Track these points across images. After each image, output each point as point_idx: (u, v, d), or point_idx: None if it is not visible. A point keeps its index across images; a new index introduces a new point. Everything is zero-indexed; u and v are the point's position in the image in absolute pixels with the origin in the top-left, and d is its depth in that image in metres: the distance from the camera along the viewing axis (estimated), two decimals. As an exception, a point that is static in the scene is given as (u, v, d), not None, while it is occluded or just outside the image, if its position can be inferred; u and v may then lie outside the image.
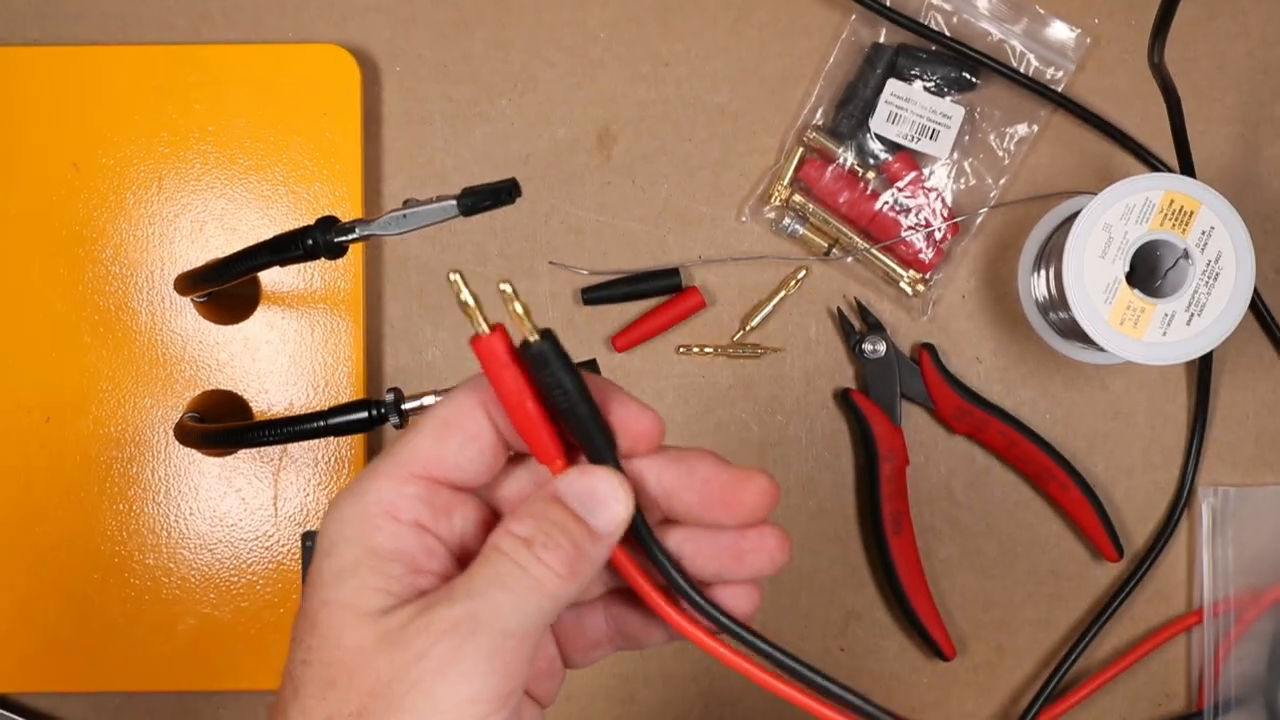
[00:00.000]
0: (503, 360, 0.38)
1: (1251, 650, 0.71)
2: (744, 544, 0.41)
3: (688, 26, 0.73)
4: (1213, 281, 0.64)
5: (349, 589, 0.37)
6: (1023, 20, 0.72)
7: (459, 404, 0.39)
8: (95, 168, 0.70)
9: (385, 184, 0.72)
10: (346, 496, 0.39)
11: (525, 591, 0.37)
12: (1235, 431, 0.73)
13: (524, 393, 0.38)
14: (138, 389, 0.70)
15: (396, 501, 0.38)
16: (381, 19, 0.72)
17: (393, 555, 0.38)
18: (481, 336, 0.38)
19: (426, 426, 0.39)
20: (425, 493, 0.39)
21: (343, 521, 0.38)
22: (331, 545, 0.38)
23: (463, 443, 0.39)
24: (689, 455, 0.41)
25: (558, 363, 0.38)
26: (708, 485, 0.40)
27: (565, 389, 0.38)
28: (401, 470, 0.39)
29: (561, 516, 0.38)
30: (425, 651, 0.36)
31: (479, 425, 0.39)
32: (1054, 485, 0.71)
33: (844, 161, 0.72)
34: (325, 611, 0.37)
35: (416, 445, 0.39)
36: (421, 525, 0.39)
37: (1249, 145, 0.73)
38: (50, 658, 0.69)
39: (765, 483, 0.40)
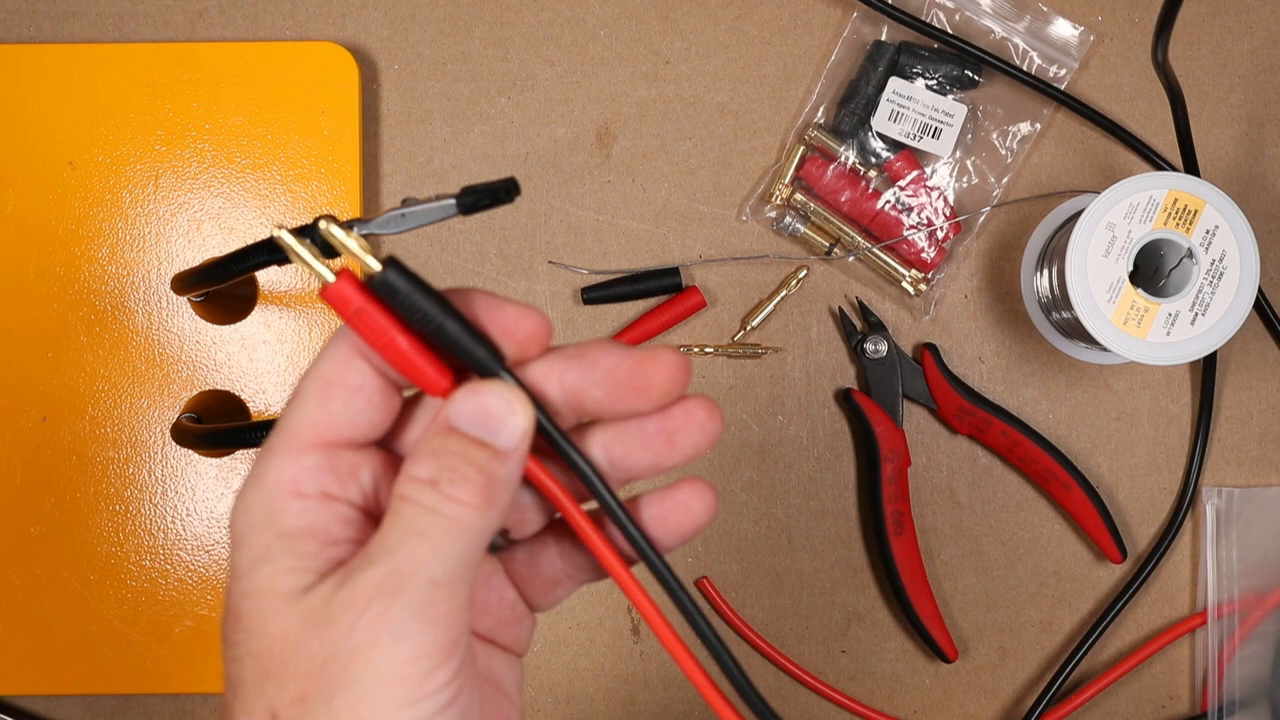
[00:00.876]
0: (356, 303, 0.36)
1: (1256, 652, 0.71)
2: (670, 424, 0.39)
3: (688, 24, 0.72)
4: (1217, 281, 0.64)
5: (265, 575, 0.36)
6: (1026, 18, 0.72)
7: (334, 359, 0.37)
8: (91, 166, 0.70)
9: (384, 183, 0.72)
10: (247, 485, 0.37)
11: (442, 535, 0.35)
12: (1239, 432, 0.73)
13: (389, 330, 0.36)
14: (134, 389, 0.69)
15: (298, 476, 0.36)
16: (380, 17, 0.72)
17: (303, 533, 0.36)
18: (328, 285, 0.36)
19: (308, 390, 0.37)
20: (325, 460, 0.37)
21: (248, 510, 0.37)
22: (241, 536, 0.37)
23: (348, 398, 0.37)
24: (587, 348, 0.38)
25: (407, 287, 0.36)
26: (612, 375, 0.38)
27: (424, 313, 0.36)
28: (295, 442, 0.37)
29: (460, 445, 0.36)
30: (354, 623, 0.34)
31: (361, 375, 0.37)
32: (1057, 486, 0.71)
33: (845, 160, 0.71)
34: (246, 603, 0.36)
35: (303, 413, 0.37)
36: (328, 495, 0.37)
37: (1253, 144, 0.72)
38: (46, 660, 0.69)
39: (672, 357, 0.38)
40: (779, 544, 0.72)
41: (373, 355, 0.37)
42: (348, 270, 0.37)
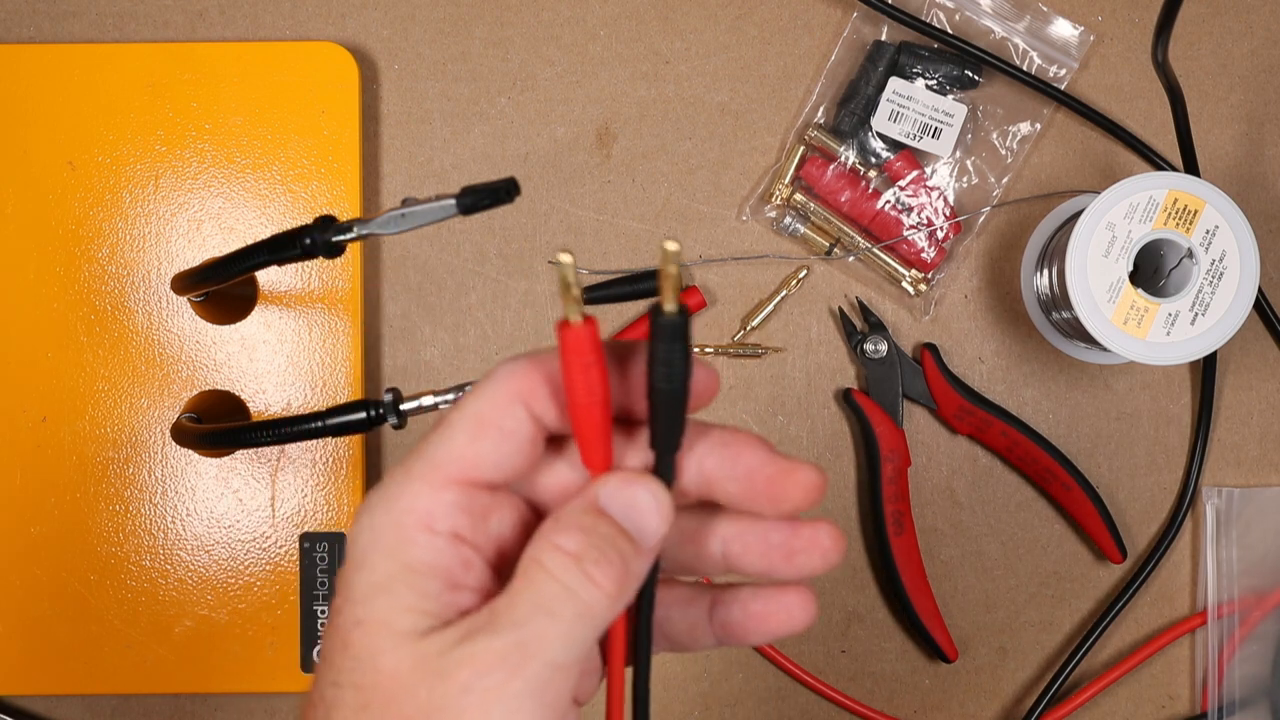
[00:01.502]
0: (590, 354, 0.35)
1: (1256, 652, 0.71)
2: (795, 543, 0.39)
3: (688, 24, 0.73)
4: (1217, 281, 0.64)
5: (383, 607, 0.35)
6: (1026, 18, 0.72)
7: (492, 398, 0.37)
8: (91, 166, 0.70)
9: (384, 183, 0.72)
10: (379, 503, 0.37)
11: (574, 619, 0.35)
12: (1239, 432, 0.73)
13: (599, 391, 0.36)
14: (134, 389, 0.69)
15: (433, 510, 0.36)
16: (380, 17, 0.72)
17: (429, 570, 0.36)
18: (573, 325, 0.35)
19: (460, 425, 0.37)
20: (462, 498, 0.36)
21: (375, 531, 0.36)
22: (364, 557, 0.36)
23: (499, 440, 0.36)
24: (734, 441, 0.38)
25: (685, 341, 0.36)
26: (752, 476, 0.38)
27: (679, 373, 0.36)
28: (436, 474, 0.36)
29: (608, 529, 0.36)
30: (470, 685, 0.34)
31: (516, 420, 0.37)
32: (1057, 486, 0.71)
33: (845, 160, 0.71)
34: (359, 631, 0.36)
35: (451, 446, 0.37)
36: (459, 536, 0.36)
37: (1253, 144, 0.73)
38: (46, 660, 0.69)
39: (813, 476, 0.38)
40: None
41: (535, 403, 0.37)
42: (594, 318, 0.36)
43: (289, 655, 0.69)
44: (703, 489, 0.39)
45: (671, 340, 0.35)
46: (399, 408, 0.54)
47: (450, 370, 0.72)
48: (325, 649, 0.37)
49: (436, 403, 0.54)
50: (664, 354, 0.36)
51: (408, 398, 0.55)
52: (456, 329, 0.72)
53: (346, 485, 0.69)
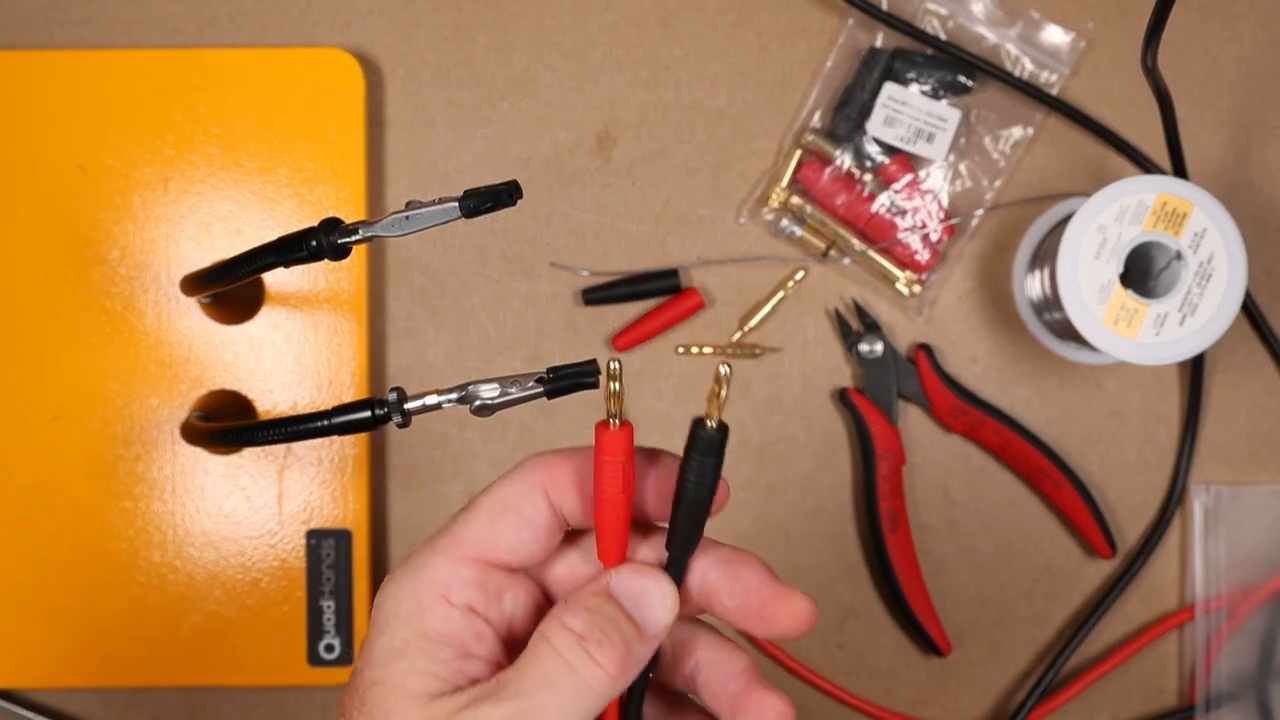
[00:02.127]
0: (622, 456, 0.38)
1: (1243, 646, 0.72)
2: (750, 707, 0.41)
3: (687, 30, 0.73)
4: (1205, 282, 0.64)
5: (399, 670, 0.38)
6: (1018, 24, 0.73)
7: (517, 486, 0.40)
8: (102, 170, 0.70)
9: (388, 186, 0.73)
10: (403, 573, 0.40)
11: (573, 693, 0.37)
12: (1227, 431, 0.73)
13: (625, 492, 0.39)
14: (144, 389, 0.70)
15: (450, 583, 0.39)
16: (385, 23, 0.73)
17: (443, 639, 0.39)
18: (612, 428, 0.38)
19: (484, 508, 0.40)
20: (479, 576, 0.39)
21: (397, 600, 0.39)
22: (385, 623, 0.39)
23: (519, 526, 0.40)
24: (738, 559, 0.41)
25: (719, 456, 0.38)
26: (748, 596, 0.40)
27: (708, 483, 0.38)
28: (457, 551, 0.39)
29: (614, 613, 0.39)
30: None
31: (536, 508, 0.40)
32: (1048, 484, 0.72)
33: (841, 164, 0.72)
34: (374, 691, 0.38)
35: (473, 527, 0.40)
36: (473, 609, 0.39)
37: (1240, 149, 0.73)
38: (59, 653, 0.70)
39: (805, 606, 0.40)
40: (776, 541, 0.73)
41: (557, 494, 0.40)
42: (630, 424, 0.39)
43: (295, 649, 0.70)
44: (701, 599, 0.41)
45: (708, 454, 0.38)
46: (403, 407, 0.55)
47: (453, 370, 0.72)
48: (343, 705, 0.39)
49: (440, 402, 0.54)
50: (698, 465, 0.38)
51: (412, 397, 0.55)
52: (459, 330, 0.72)
53: (352, 483, 0.70)
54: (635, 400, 0.72)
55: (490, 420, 0.72)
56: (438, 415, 0.72)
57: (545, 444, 0.72)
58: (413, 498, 0.72)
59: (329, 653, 0.70)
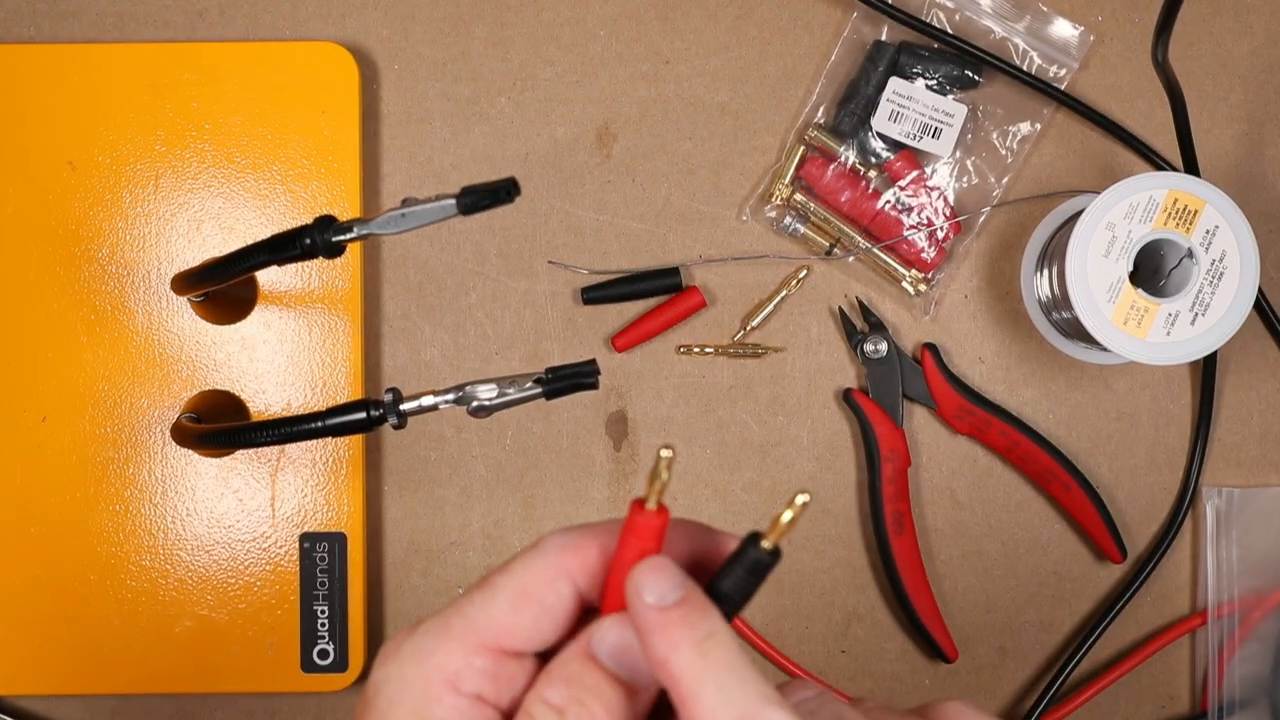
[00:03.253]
0: (654, 539, 0.37)
1: (1256, 652, 0.71)
2: None
3: (688, 24, 0.73)
4: (1217, 281, 0.64)
5: None
6: (1026, 18, 0.72)
7: (540, 573, 0.38)
8: (91, 166, 0.70)
9: (384, 183, 0.72)
10: (410, 654, 0.37)
11: None
12: (1239, 432, 0.73)
13: None
14: (134, 389, 0.69)
15: (462, 672, 0.37)
16: (380, 17, 0.72)
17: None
18: (648, 510, 0.36)
19: (503, 592, 0.37)
20: (492, 665, 0.37)
21: (403, 684, 0.37)
22: (388, 706, 0.37)
23: (539, 615, 0.37)
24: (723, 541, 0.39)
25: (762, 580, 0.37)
26: None
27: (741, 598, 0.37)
28: (472, 638, 0.37)
29: (595, 679, 0.36)
30: None
31: (559, 595, 0.37)
32: (1057, 486, 0.71)
33: (845, 160, 0.71)
34: None
35: (491, 612, 0.37)
36: (481, 698, 0.37)
37: (1253, 144, 0.73)
38: (45, 660, 0.69)
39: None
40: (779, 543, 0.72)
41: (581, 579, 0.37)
42: (667, 509, 0.37)
43: (289, 655, 0.69)
44: None
45: (754, 573, 0.37)
46: (399, 407, 0.54)
47: (450, 370, 0.72)
48: None
49: (436, 403, 0.54)
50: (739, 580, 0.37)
51: (408, 397, 0.54)
52: (456, 329, 0.72)
53: (346, 485, 0.69)
54: (635, 400, 0.72)
55: (488, 421, 0.71)
56: (434, 416, 0.72)
57: (544, 446, 0.71)
58: (408, 500, 0.72)
59: (323, 659, 0.69)
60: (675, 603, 0.35)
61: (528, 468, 0.72)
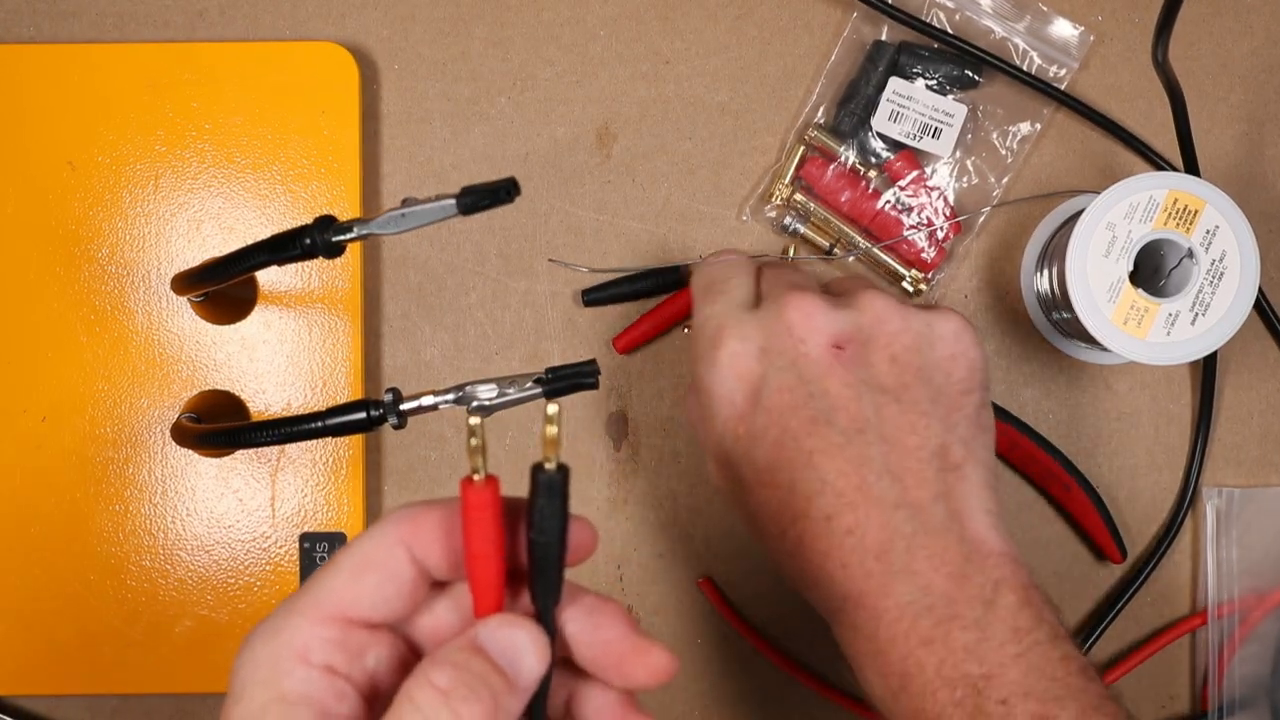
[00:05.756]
0: (489, 511, 0.38)
1: (1256, 652, 0.71)
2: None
3: (688, 24, 0.72)
4: (1217, 281, 0.64)
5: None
6: (1026, 18, 0.72)
7: (378, 542, 0.39)
8: (91, 166, 0.70)
9: (384, 183, 0.72)
10: (259, 636, 0.39)
11: None
12: (1240, 432, 0.73)
13: (495, 546, 0.38)
14: (134, 389, 0.69)
15: (309, 644, 0.38)
16: (380, 17, 0.72)
17: (301, 700, 0.38)
18: (476, 484, 0.38)
19: (344, 565, 0.39)
20: (339, 635, 0.38)
21: (255, 664, 0.38)
22: (242, 688, 0.38)
23: (380, 582, 0.39)
24: (601, 610, 0.41)
25: (562, 497, 0.39)
26: (608, 647, 0.40)
27: (555, 527, 0.39)
28: (316, 611, 0.38)
29: (482, 667, 0.38)
30: None
31: (399, 564, 0.39)
32: (1057, 486, 0.71)
33: (845, 160, 0.71)
34: None
35: (332, 585, 0.39)
36: (333, 669, 0.38)
37: (1254, 144, 0.72)
38: (45, 660, 0.69)
39: (663, 660, 0.40)
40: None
41: (420, 549, 0.39)
42: (496, 478, 0.39)
43: (289, 655, 0.69)
44: (561, 648, 0.41)
45: (549, 496, 0.38)
46: (399, 408, 0.54)
47: (450, 370, 0.71)
48: None
49: (436, 403, 0.54)
50: (543, 509, 0.39)
51: (408, 397, 0.54)
52: (456, 329, 0.72)
53: (346, 485, 0.69)
54: (635, 400, 0.72)
55: (488, 421, 0.71)
56: (434, 416, 0.71)
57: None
58: (408, 500, 0.72)
59: (323, 659, 0.69)
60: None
61: (528, 468, 0.72)
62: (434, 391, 0.54)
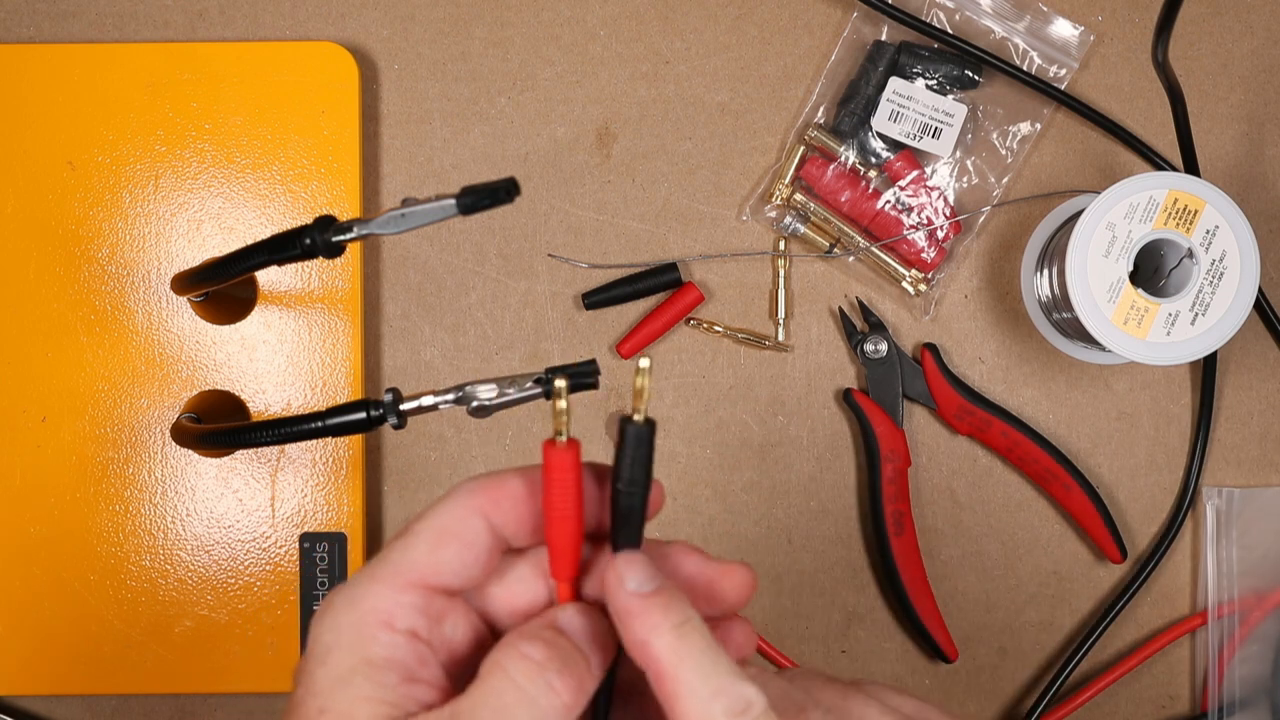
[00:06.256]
0: (573, 473, 0.39)
1: (1256, 652, 0.71)
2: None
3: (688, 24, 0.72)
4: (1217, 281, 0.64)
5: (346, 699, 0.38)
6: (1026, 18, 0.72)
7: (455, 512, 0.40)
8: (91, 166, 0.70)
9: (383, 183, 0.72)
10: (341, 601, 0.39)
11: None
12: (1240, 432, 0.73)
13: (575, 508, 0.39)
14: (134, 389, 0.69)
15: (393, 610, 0.39)
16: (380, 17, 0.72)
17: (387, 664, 0.38)
18: (559, 447, 0.39)
19: (423, 534, 0.40)
20: (421, 601, 0.39)
21: (338, 629, 0.39)
22: (326, 652, 0.39)
23: (459, 550, 0.40)
24: (673, 552, 0.41)
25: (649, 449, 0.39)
26: (692, 582, 0.41)
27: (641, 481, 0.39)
28: (399, 579, 0.39)
29: (570, 646, 0.39)
30: None
31: (475, 533, 0.40)
32: (1057, 486, 0.71)
33: (845, 160, 0.71)
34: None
35: (413, 553, 0.40)
36: (415, 634, 0.39)
37: (1253, 144, 0.72)
38: (46, 660, 0.69)
39: (745, 575, 0.41)
40: (779, 544, 0.72)
41: (495, 517, 0.40)
42: (578, 441, 0.39)
43: (289, 655, 0.69)
44: None
45: (638, 446, 0.39)
46: (399, 408, 0.54)
47: (450, 370, 0.71)
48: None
49: (436, 403, 0.54)
50: (631, 461, 0.39)
51: (407, 398, 0.54)
52: (456, 329, 0.72)
53: (346, 485, 0.69)
54: (635, 401, 0.72)
55: (488, 421, 0.71)
56: (434, 416, 0.72)
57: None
58: (408, 500, 0.72)
59: (323, 659, 0.69)
60: (653, 591, 0.38)
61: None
62: (434, 391, 0.54)
